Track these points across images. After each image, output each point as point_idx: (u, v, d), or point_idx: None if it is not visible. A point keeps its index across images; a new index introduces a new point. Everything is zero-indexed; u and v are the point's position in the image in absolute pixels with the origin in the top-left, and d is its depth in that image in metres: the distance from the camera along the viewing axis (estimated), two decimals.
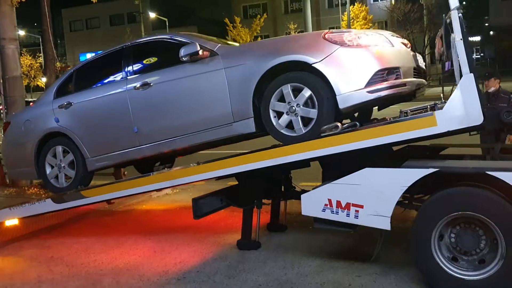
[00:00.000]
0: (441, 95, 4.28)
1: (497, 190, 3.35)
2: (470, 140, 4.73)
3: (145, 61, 5.09)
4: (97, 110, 5.20)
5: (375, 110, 5.08)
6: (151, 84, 4.80)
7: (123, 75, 5.09)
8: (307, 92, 4.02)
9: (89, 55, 38.32)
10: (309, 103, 4.03)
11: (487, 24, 44.17)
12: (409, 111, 3.87)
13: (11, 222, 5.85)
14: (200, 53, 4.46)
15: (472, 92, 3.39)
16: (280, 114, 4.17)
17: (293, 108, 4.08)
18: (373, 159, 3.81)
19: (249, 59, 4.32)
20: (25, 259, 5.16)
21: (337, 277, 3.98)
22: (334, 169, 4.08)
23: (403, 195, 3.64)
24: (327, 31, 4.18)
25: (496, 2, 36.54)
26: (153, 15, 41.10)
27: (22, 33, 37.55)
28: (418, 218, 3.57)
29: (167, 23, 38.70)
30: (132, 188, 4.93)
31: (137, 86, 4.87)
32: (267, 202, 5.07)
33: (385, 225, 3.63)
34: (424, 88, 4.69)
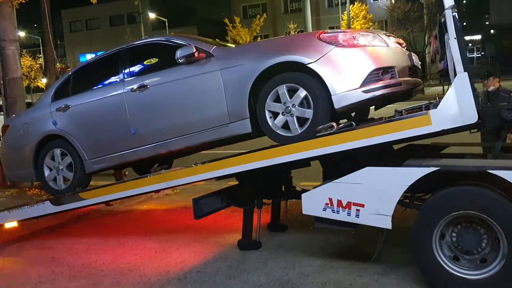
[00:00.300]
0: (436, 94, 4.27)
1: (498, 188, 3.34)
2: (471, 139, 4.73)
3: (141, 63, 5.10)
4: (94, 112, 5.20)
5: (372, 109, 5.08)
6: (147, 86, 4.81)
7: (120, 78, 5.10)
8: (302, 93, 4.02)
9: (89, 56, 38.46)
10: (305, 103, 4.04)
11: (487, 22, 44.20)
12: (404, 110, 3.87)
13: (10, 224, 5.87)
14: (196, 54, 4.48)
15: (466, 91, 3.39)
16: (276, 115, 4.17)
17: (289, 108, 4.08)
18: (373, 158, 3.81)
19: (244, 60, 4.33)
20: (26, 260, 5.17)
21: (338, 276, 3.98)
22: (335, 168, 4.08)
23: (404, 194, 3.63)
24: (321, 32, 4.18)
25: (496, 0, 36.54)
26: (153, 15, 41.09)
27: (22, 34, 37.53)
28: (419, 217, 3.56)
29: (167, 23, 38.68)
30: (130, 189, 4.93)
31: (134, 88, 4.88)
32: (268, 202, 5.06)
33: (386, 224, 3.62)
34: (421, 87, 4.69)
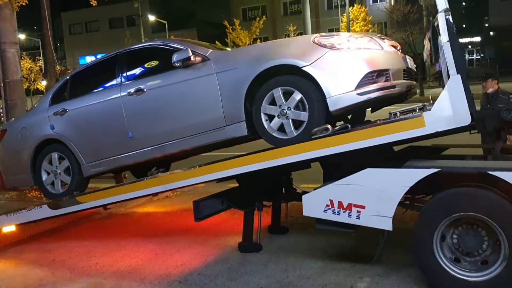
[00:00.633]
0: (430, 96, 4.28)
1: (499, 190, 3.34)
2: (472, 141, 4.73)
3: (138, 67, 5.11)
4: (91, 116, 5.21)
5: (368, 112, 5.09)
6: (144, 90, 4.82)
7: (117, 82, 5.11)
8: (297, 95, 4.03)
9: (88, 58, 38.49)
10: (300, 106, 4.05)
11: (487, 24, 44.20)
12: (398, 112, 3.88)
13: (8, 228, 5.86)
14: (192, 58, 4.50)
15: (459, 93, 3.40)
16: (271, 117, 4.18)
17: (284, 111, 4.09)
18: (374, 159, 3.81)
19: (240, 63, 4.34)
20: (26, 263, 5.16)
21: (339, 279, 3.97)
22: (335, 170, 4.08)
23: (404, 195, 3.63)
24: (316, 35, 4.20)
25: (496, 2, 36.60)
26: (152, 18, 41.08)
27: (22, 36, 37.58)
28: (419, 219, 3.56)
29: (166, 26, 38.69)
30: (128, 193, 4.91)
31: (131, 92, 4.89)
32: (268, 204, 5.06)
33: (387, 225, 3.62)
34: (416, 90, 4.70)
